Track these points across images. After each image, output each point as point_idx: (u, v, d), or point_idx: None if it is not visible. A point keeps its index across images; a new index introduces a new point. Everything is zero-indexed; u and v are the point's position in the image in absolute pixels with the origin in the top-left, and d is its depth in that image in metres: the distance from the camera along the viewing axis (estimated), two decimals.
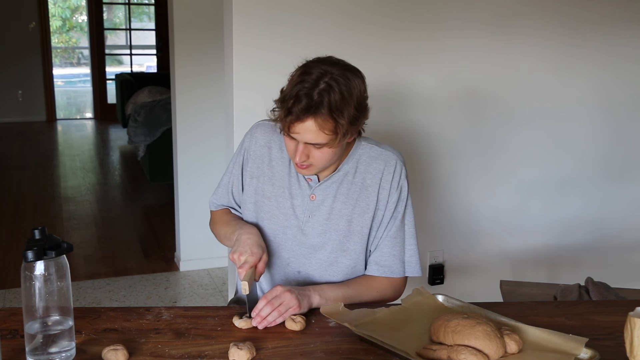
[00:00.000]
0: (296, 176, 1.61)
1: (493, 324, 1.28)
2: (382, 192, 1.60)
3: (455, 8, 2.72)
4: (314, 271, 1.63)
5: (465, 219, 2.94)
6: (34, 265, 1.17)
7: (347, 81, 1.43)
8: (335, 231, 1.60)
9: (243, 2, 2.39)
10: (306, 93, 1.40)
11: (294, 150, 1.49)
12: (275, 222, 1.62)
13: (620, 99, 3.09)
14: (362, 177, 1.61)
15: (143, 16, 10.50)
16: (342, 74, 1.43)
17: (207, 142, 3.67)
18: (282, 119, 1.44)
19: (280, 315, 1.39)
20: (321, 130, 1.42)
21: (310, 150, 1.48)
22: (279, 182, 1.62)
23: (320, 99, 1.40)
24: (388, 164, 1.61)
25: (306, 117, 1.41)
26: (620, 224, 3.18)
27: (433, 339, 1.30)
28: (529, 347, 1.29)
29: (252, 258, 1.47)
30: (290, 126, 1.44)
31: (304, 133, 1.43)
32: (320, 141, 1.44)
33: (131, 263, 3.87)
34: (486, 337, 1.24)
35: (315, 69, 1.43)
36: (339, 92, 1.41)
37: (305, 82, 1.41)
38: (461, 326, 1.26)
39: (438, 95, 2.77)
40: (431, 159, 2.81)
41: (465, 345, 1.24)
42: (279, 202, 1.62)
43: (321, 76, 1.41)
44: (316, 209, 1.60)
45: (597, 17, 2.95)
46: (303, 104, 1.40)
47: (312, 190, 1.60)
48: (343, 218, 1.60)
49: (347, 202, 1.60)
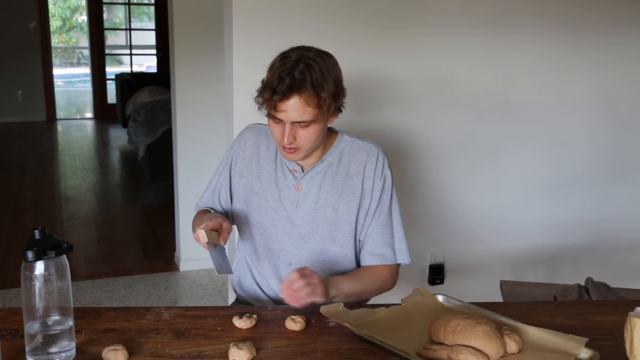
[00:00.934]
0: (282, 170, 1.69)
1: (493, 324, 1.28)
2: (367, 181, 1.68)
3: (456, 6, 2.72)
4: (304, 261, 1.66)
5: (465, 219, 2.94)
6: (34, 265, 1.17)
7: (323, 61, 1.54)
8: (323, 219, 1.66)
9: (243, 2, 2.39)
10: (288, 73, 1.50)
11: (281, 133, 1.56)
12: (264, 215, 1.69)
13: (621, 99, 3.09)
14: (346, 168, 1.68)
15: (143, 16, 10.50)
16: (318, 55, 1.55)
17: (207, 142, 3.67)
18: (268, 100, 1.53)
19: (309, 295, 1.40)
20: (307, 106, 1.51)
21: (297, 130, 1.55)
22: (266, 177, 1.69)
23: (302, 77, 1.50)
24: (370, 155, 1.69)
25: (291, 94, 1.50)
26: (620, 224, 3.18)
27: (433, 339, 1.30)
28: (529, 347, 1.29)
29: (210, 223, 1.51)
30: (276, 106, 1.52)
31: (290, 111, 1.51)
32: (305, 118, 1.52)
33: (131, 263, 3.87)
34: (486, 337, 1.24)
35: (293, 53, 1.55)
36: (318, 70, 1.51)
37: (286, 64, 1.52)
38: (461, 326, 1.26)
39: (438, 95, 2.77)
40: (431, 158, 2.81)
41: (465, 345, 1.24)
42: (266, 196, 1.68)
43: (300, 58, 1.52)
44: (303, 198, 1.66)
45: (597, 16, 2.95)
46: (287, 82, 1.49)
47: (297, 181, 1.67)
48: (329, 206, 1.66)
49: (333, 191, 1.67)
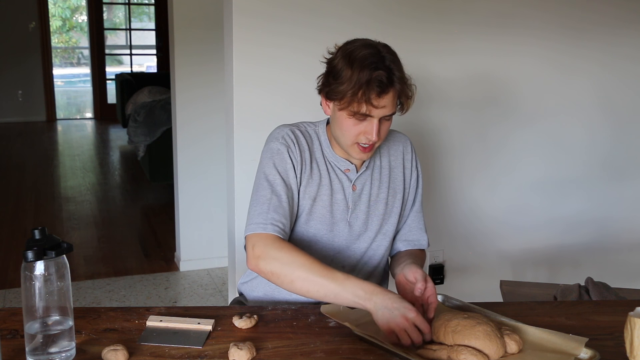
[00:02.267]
0: (334, 171, 1.61)
1: (493, 324, 1.28)
2: (406, 171, 1.70)
3: (456, 8, 2.72)
4: (355, 260, 1.65)
5: (465, 219, 2.94)
6: (34, 265, 1.17)
7: (391, 50, 1.48)
8: (376, 216, 1.65)
9: (243, 0, 2.38)
10: (377, 67, 1.41)
11: (365, 131, 1.48)
12: (323, 221, 1.60)
13: (621, 99, 3.09)
14: (387, 160, 1.68)
15: (143, 16, 10.50)
16: (383, 46, 1.48)
17: (207, 142, 3.67)
18: (360, 96, 1.42)
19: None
20: (396, 98, 1.47)
21: (381, 124, 1.49)
22: (318, 181, 1.59)
23: (391, 69, 1.43)
24: (405, 145, 1.71)
25: (389, 88, 1.43)
26: (620, 224, 3.18)
27: (433, 339, 1.30)
28: (529, 347, 1.29)
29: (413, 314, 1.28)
30: (372, 101, 1.42)
31: (387, 106, 1.45)
32: (392, 111, 1.48)
33: (131, 263, 3.87)
34: (486, 337, 1.24)
35: (364, 45, 1.45)
36: (398, 60, 1.46)
37: (368, 58, 1.42)
38: (461, 326, 1.26)
39: (438, 96, 2.77)
40: (431, 158, 2.81)
41: (465, 345, 1.24)
42: (323, 201, 1.60)
43: (376, 49, 1.44)
44: (358, 198, 1.63)
45: (597, 17, 2.95)
46: (384, 76, 1.41)
47: (352, 181, 1.62)
48: (381, 202, 1.65)
49: (382, 186, 1.66)
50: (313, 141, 1.61)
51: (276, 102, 2.47)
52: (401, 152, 1.69)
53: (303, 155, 1.57)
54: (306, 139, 1.60)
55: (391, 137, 1.70)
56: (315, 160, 1.60)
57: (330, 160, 1.61)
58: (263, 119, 2.41)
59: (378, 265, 1.70)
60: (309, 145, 1.60)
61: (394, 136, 1.71)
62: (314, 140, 1.62)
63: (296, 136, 1.58)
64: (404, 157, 1.70)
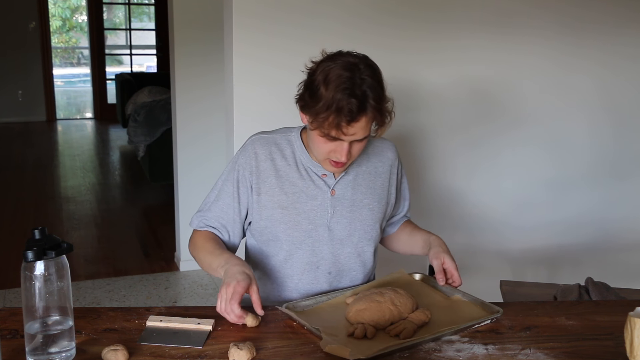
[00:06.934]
0: (309, 177, 1.61)
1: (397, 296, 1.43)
2: (392, 177, 1.73)
3: (457, 8, 2.72)
4: (343, 266, 1.64)
5: (465, 219, 2.94)
6: (34, 265, 1.17)
7: (374, 71, 1.46)
8: (360, 221, 1.64)
9: (243, 1, 2.38)
10: (351, 93, 1.39)
11: (335, 150, 1.48)
12: (298, 229, 1.60)
13: (622, 99, 3.09)
14: (373, 166, 1.69)
15: (143, 16, 10.50)
16: (366, 65, 1.45)
17: (207, 142, 3.67)
18: (331, 121, 1.41)
19: None
20: (370, 123, 1.46)
21: (352, 146, 1.49)
22: (292, 189, 1.60)
23: (366, 96, 1.41)
24: (392, 152, 1.73)
25: (359, 116, 1.41)
26: (620, 224, 3.18)
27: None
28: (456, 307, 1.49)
29: (239, 288, 1.39)
30: (343, 128, 1.42)
31: (357, 133, 1.44)
32: (365, 134, 1.47)
33: (131, 263, 3.87)
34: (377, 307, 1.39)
35: (343, 67, 1.42)
36: (376, 83, 1.44)
37: (344, 82, 1.40)
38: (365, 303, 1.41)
39: (438, 95, 2.77)
40: (431, 158, 2.81)
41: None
42: (297, 209, 1.59)
43: (354, 70, 1.42)
44: (338, 202, 1.62)
45: (598, 16, 2.94)
46: (354, 103, 1.39)
47: (331, 187, 1.62)
48: (365, 207, 1.65)
49: (367, 192, 1.66)
50: (284, 152, 1.62)
51: (276, 102, 2.46)
52: (389, 159, 1.72)
53: (263, 173, 1.60)
54: (279, 150, 1.62)
55: (377, 143, 1.71)
56: (285, 170, 1.60)
57: (306, 165, 1.61)
58: (263, 119, 2.40)
59: (365, 271, 1.69)
60: (282, 155, 1.61)
61: (381, 143, 1.72)
62: (285, 150, 1.62)
63: (261, 153, 1.61)
64: (392, 163, 1.72)
